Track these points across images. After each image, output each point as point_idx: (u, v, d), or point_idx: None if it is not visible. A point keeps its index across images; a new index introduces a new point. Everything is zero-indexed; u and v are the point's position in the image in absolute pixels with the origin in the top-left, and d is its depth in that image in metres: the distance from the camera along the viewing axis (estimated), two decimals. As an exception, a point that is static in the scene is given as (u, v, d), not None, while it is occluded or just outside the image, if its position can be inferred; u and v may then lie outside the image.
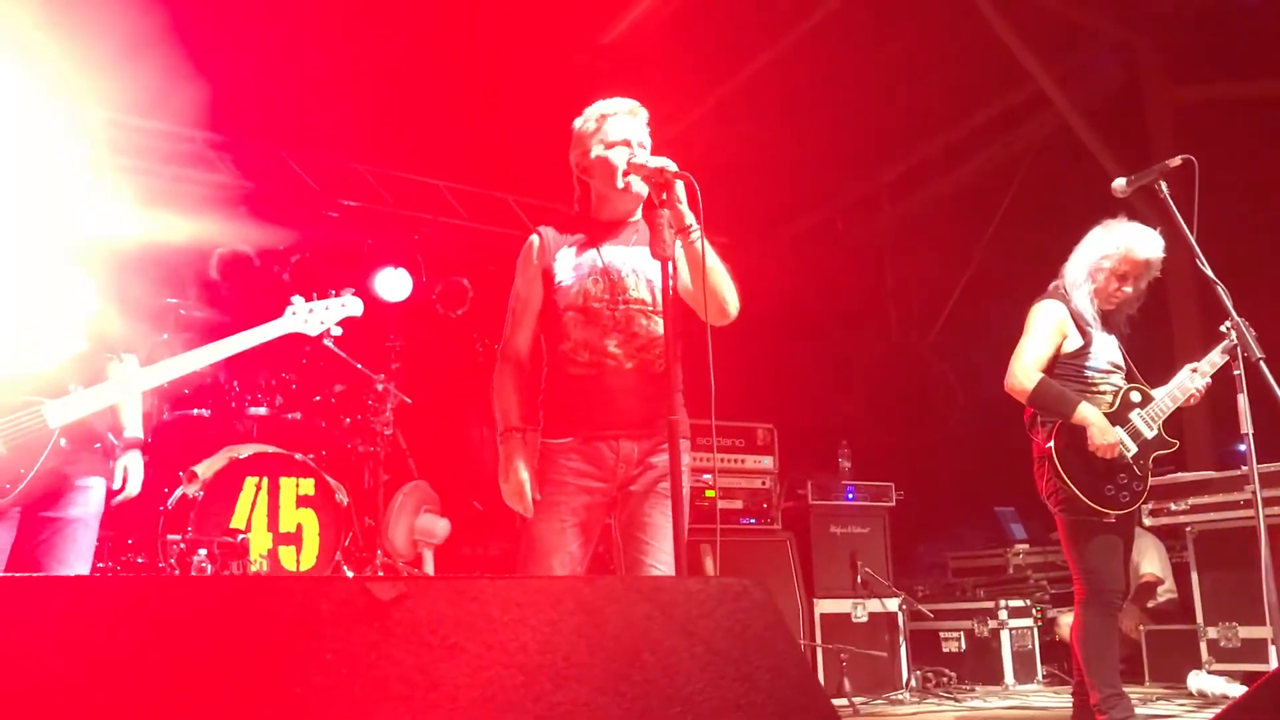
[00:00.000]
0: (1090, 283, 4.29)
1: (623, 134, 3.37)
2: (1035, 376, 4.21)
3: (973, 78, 8.19)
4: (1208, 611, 6.13)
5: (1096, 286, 4.28)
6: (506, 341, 3.44)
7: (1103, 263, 4.26)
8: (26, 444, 3.13)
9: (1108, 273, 4.26)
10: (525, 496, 3.22)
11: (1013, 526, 8.19)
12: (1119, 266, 4.25)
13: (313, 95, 7.36)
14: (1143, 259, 4.23)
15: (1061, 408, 4.17)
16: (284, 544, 5.82)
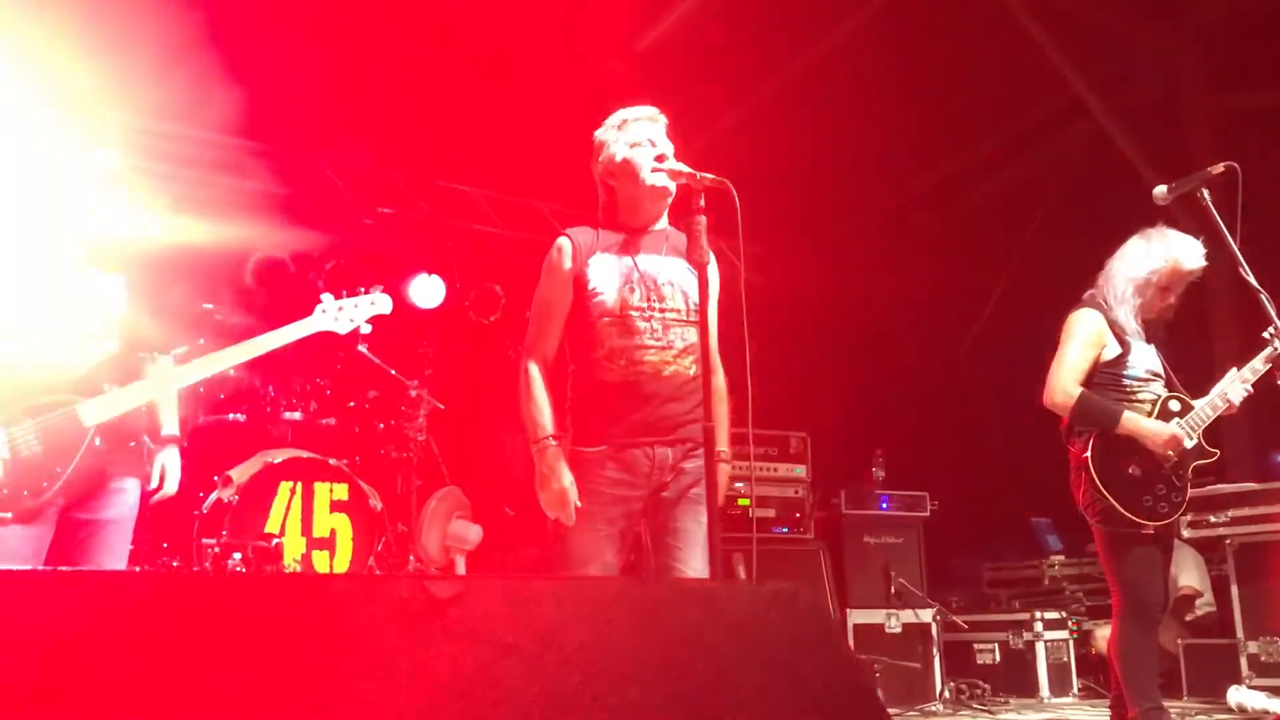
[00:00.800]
0: (1137, 297, 4.23)
1: (645, 135, 3.38)
2: (1076, 391, 4.16)
3: (1010, 85, 8.13)
4: (1248, 625, 6.04)
5: (1143, 301, 4.23)
6: (532, 347, 3.39)
7: (1151, 277, 4.21)
8: (62, 443, 3.15)
9: (1155, 286, 4.22)
10: (569, 505, 3.18)
11: (1049, 538, 8.11)
12: (1164, 279, 4.21)
13: (349, 102, 7.40)
14: (1188, 270, 4.19)
15: (1105, 419, 4.12)
16: (318, 549, 5.84)
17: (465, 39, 6.99)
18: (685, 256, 3.19)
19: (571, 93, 7.21)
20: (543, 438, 3.26)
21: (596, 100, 5.73)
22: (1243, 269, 3.58)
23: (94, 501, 3.30)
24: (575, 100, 7.06)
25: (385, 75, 7.32)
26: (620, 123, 3.45)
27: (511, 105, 7.39)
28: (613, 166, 3.41)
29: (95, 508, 3.30)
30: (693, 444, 3.27)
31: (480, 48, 7.02)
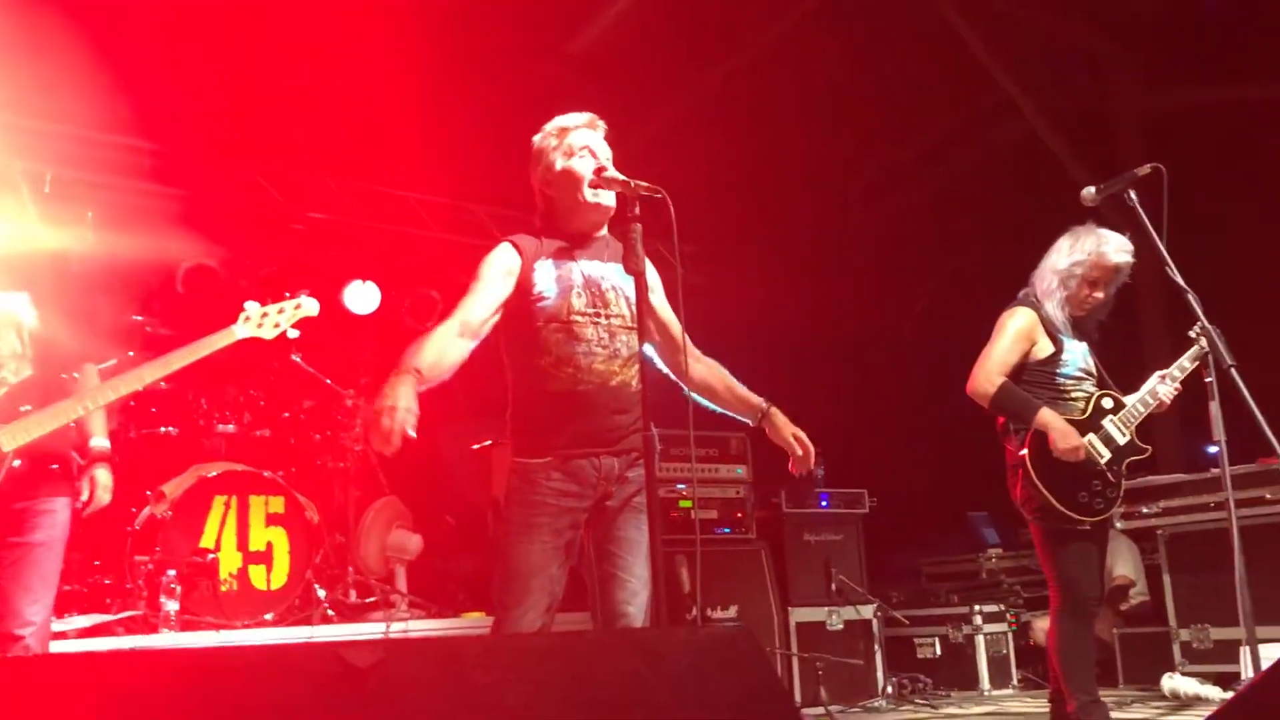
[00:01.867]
0: (1062, 290, 4.30)
1: (583, 143, 3.34)
2: (997, 381, 4.21)
3: (942, 85, 8.22)
4: (1180, 613, 6.17)
5: (1068, 293, 4.30)
6: (452, 316, 3.19)
7: (1074, 269, 4.28)
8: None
9: (1080, 279, 4.28)
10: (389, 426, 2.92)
11: (985, 531, 8.21)
12: (1090, 273, 4.27)
13: (279, 108, 7.29)
14: (1113, 264, 4.26)
15: (1023, 412, 4.18)
16: (254, 563, 5.75)
17: (396, 42, 6.91)
18: (623, 264, 3.17)
19: (504, 96, 7.16)
20: (406, 368, 3.03)
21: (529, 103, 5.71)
22: (1169, 268, 3.64)
23: (23, 524, 3.23)
24: (508, 103, 7.01)
25: (316, 79, 7.21)
26: (559, 130, 3.41)
27: (444, 108, 7.32)
28: (552, 176, 3.38)
29: (23, 530, 3.24)
30: (637, 453, 3.26)
31: (412, 50, 6.95)
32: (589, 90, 7.04)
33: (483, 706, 1.54)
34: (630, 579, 3.22)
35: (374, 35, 6.83)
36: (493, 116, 6.98)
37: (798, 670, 6.39)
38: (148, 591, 5.44)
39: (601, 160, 3.32)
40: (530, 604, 3.14)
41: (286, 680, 1.46)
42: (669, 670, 1.68)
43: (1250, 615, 3.41)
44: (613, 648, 1.69)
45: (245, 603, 5.65)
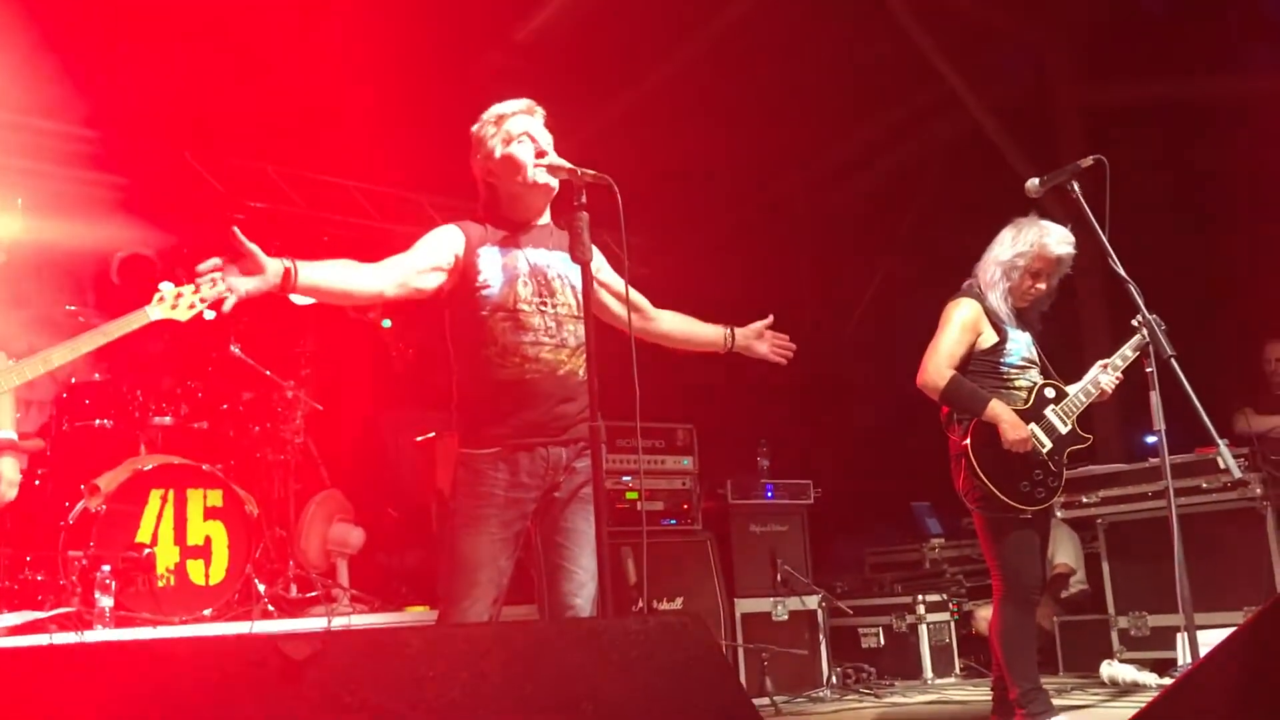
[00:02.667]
0: (1005, 281, 4.34)
1: (523, 129, 3.32)
2: (947, 373, 4.24)
3: (885, 77, 8.26)
4: (1118, 601, 6.26)
5: (1011, 284, 4.34)
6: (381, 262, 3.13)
7: (1017, 260, 4.31)
8: None
9: (1022, 270, 4.32)
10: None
11: (928, 521, 8.28)
12: (1033, 264, 4.31)
13: (217, 94, 7.15)
14: (1055, 255, 4.30)
15: (973, 404, 4.21)
16: (192, 558, 5.64)
17: (338, 28, 6.81)
18: (569, 253, 3.13)
19: (449, 83, 7.08)
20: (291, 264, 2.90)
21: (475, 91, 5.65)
22: (1111, 259, 3.68)
23: None
24: (453, 91, 6.94)
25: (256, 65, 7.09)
26: (497, 118, 3.38)
27: (387, 95, 7.23)
28: (492, 163, 3.34)
29: None
30: (583, 443, 3.24)
31: (356, 37, 6.85)
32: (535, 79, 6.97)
33: (426, 699, 1.50)
34: (578, 570, 3.20)
35: (317, 21, 6.73)
36: (437, 104, 6.90)
37: (743, 661, 6.39)
38: (81, 588, 5.31)
39: (542, 145, 3.29)
40: (477, 596, 3.11)
41: (221, 674, 1.41)
42: (618, 660, 1.65)
43: (1189, 602, 3.45)
44: (560, 638, 1.66)
45: (183, 598, 5.54)
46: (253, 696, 1.40)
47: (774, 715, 5.83)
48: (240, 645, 1.49)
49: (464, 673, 1.53)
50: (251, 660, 1.43)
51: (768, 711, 5.88)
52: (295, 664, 1.44)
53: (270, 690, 1.42)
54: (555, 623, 2.07)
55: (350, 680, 1.46)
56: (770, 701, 6.04)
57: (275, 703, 1.41)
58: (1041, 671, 4.36)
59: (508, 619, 3.30)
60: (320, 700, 1.43)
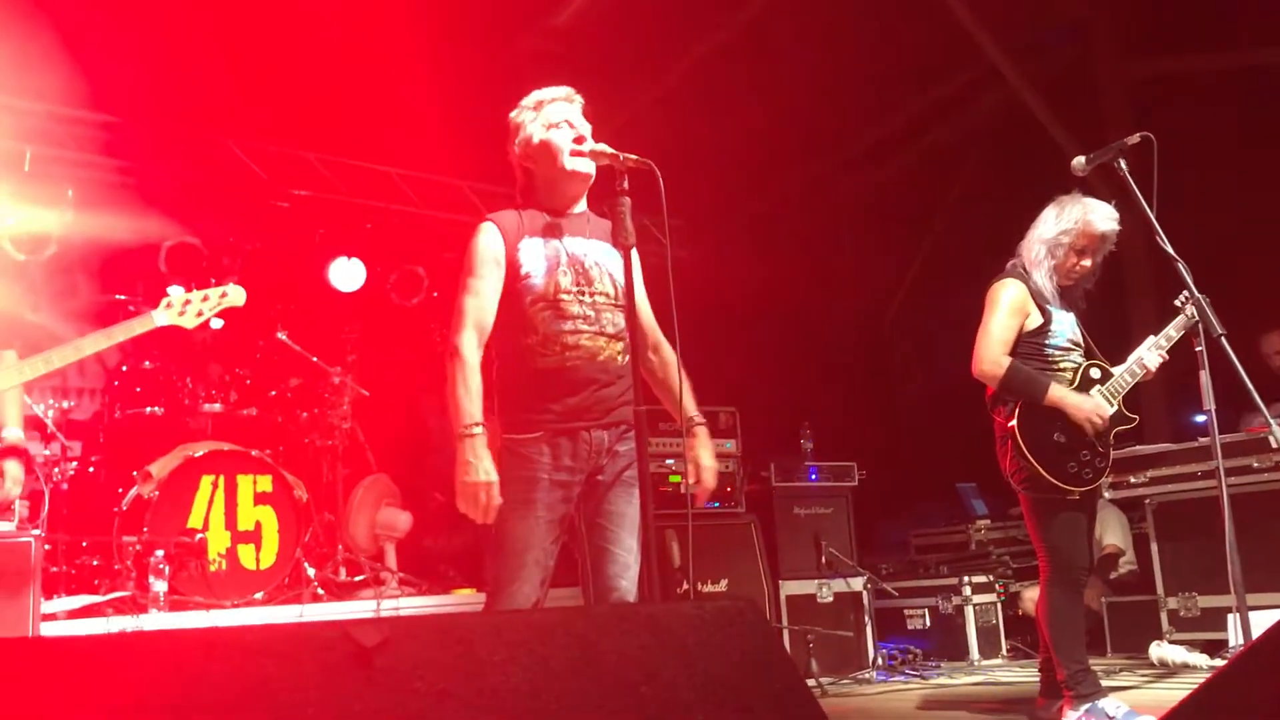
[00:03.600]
0: (1050, 259, 4.28)
1: (562, 116, 3.32)
2: (1004, 361, 4.19)
3: (926, 55, 8.18)
4: (1167, 582, 6.19)
5: (1055, 263, 4.28)
6: (463, 329, 3.22)
7: (1061, 238, 4.26)
8: None
9: (1066, 248, 4.26)
10: (485, 502, 3.06)
11: (974, 502, 8.22)
12: (1077, 241, 4.25)
13: (260, 82, 7.22)
14: (1099, 232, 4.24)
15: (1033, 390, 4.16)
16: (243, 542, 5.73)
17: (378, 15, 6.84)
18: (610, 239, 3.14)
19: (487, 69, 7.10)
20: (469, 424, 3.11)
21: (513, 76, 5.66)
22: (1159, 237, 3.63)
23: None
24: (492, 76, 6.96)
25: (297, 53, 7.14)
26: (536, 104, 3.39)
27: (427, 82, 7.26)
28: (530, 149, 3.36)
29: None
30: (626, 426, 3.25)
31: (393, 23, 6.88)
32: (572, 63, 6.99)
33: (490, 684, 1.53)
34: (622, 553, 3.22)
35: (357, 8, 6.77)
36: (477, 90, 6.92)
37: (789, 643, 6.40)
38: (136, 572, 5.42)
39: (580, 132, 3.29)
40: (524, 579, 3.13)
41: (293, 659, 1.44)
42: (675, 644, 1.67)
43: (1241, 583, 3.42)
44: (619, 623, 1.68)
45: (234, 582, 5.64)
46: (323, 681, 1.43)
47: (820, 697, 5.83)
48: (311, 631, 1.52)
49: (526, 658, 1.56)
50: (322, 646, 1.46)
51: (814, 693, 5.88)
52: (365, 650, 1.47)
53: (341, 675, 1.45)
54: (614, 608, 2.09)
55: (418, 665, 1.49)
56: (816, 683, 6.05)
57: (345, 687, 1.44)
58: (1090, 653, 4.33)
59: (552, 602, 3.33)
60: (389, 685, 1.46)
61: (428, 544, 7.28)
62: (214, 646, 1.46)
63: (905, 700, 5.59)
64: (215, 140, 7.41)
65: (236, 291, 3.64)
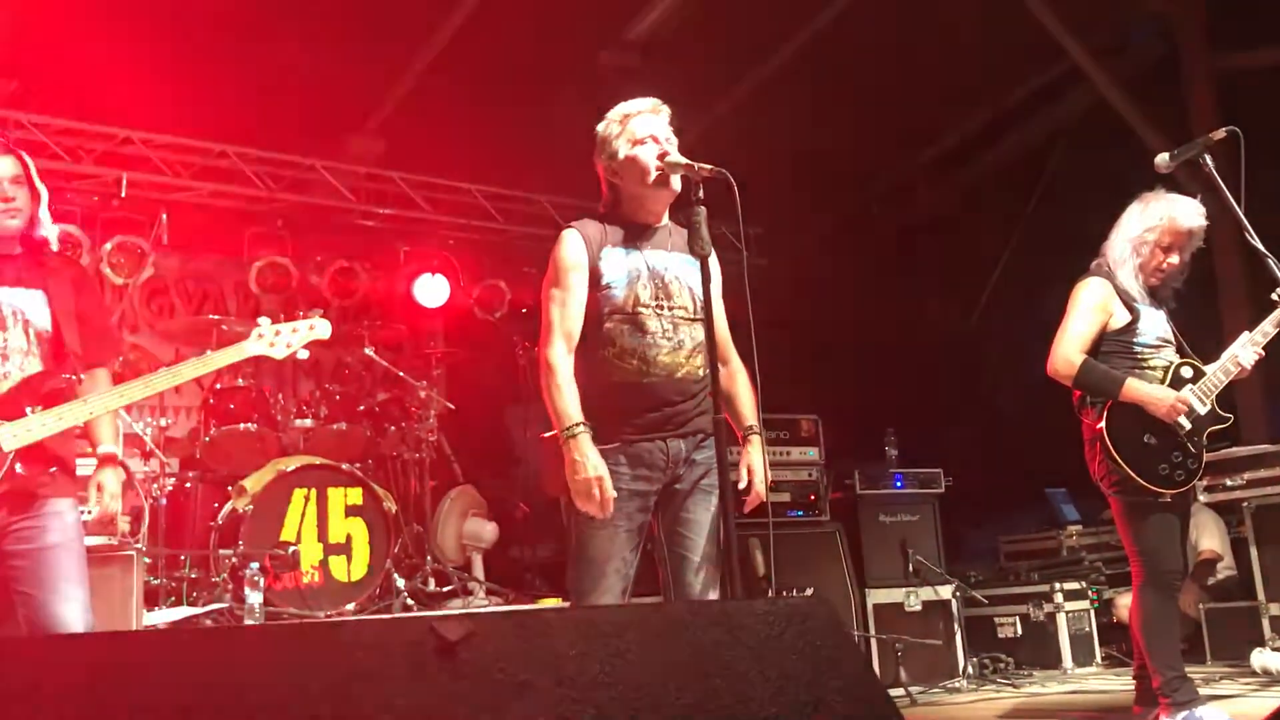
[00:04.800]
0: (1135, 257, 4.21)
1: (648, 130, 3.33)
2: (1078, 359, 4.13)
3: (1007, 55, 8.09)
4: (1269, 587, 6.02)
5: (1141, 260, 4.21)
6: (555, 335, 3.25)
7: (1146, 235, 4.18)
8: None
9: (1152, 245, 4.19)
10: (598, 495, 3.10)
11: (1064, 508, 8.07)
12: (1163, 238, 4.17)
13: (343, 104, 7.40)
14: (1186, 228, 4.15)
15: (1108, 386, 4.09)
16: (334, 554, 5.86)
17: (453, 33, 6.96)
18: (688, 250, 3.16)
19: (563, 83, 7.18)
20: (572, 424, 3.15)
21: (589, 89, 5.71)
22: (1248, 233, 3.55)
23: (28, 529, 3.19)
24: (568, 91, 7.04)
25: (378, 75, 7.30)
26: (622, 117, 3.40)
27: (504, 98, 7.37)
28: (616, 164, 3.37)
29: (30, 536, 3.19)
30: (704, 435, 3.26)
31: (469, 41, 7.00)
32: (649, 75, 7.04)
33: (569, 675, 1.57)
34: (701, 560, 3.23)
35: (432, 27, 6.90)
36: (552, 104, 7.01)
37: (876, 651, 6.35)
38: (232, 584, 5.57)
39: (665, 145, 3.31)
40: (605, 589, 3.16)
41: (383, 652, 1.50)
42: (748, 640, 1.70)
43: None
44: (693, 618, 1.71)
45: (327, 593, 5.77)
46: (410, 672, 1.49)
47: (909, 706, 5.77)
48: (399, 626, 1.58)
49: (602, 650, 1.61)
50: (410, 639, 1.52)
51: (902, 702, 5.82)
52: (450, 643, 1.52)
53: (427, 666, 1.50)
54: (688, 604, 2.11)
55: (499, 657, 1.54)
56: (905, 692, 5.99)
57: (431, 677, 1.49)
58: (1189, 660, 4.24)
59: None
60: (472, 675, 1.51)
61: (514, 554, 7.36)
62: (308, 640, 1.53)
63: (996, 709, 5.51)
64: (302, 163, 7.59)
65: (323, 325, 3.74)
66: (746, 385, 3.42)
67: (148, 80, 6.50)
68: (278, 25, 6.48)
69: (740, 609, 1.80)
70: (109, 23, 6.17)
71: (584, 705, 1.55)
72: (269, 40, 6.55)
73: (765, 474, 3.31)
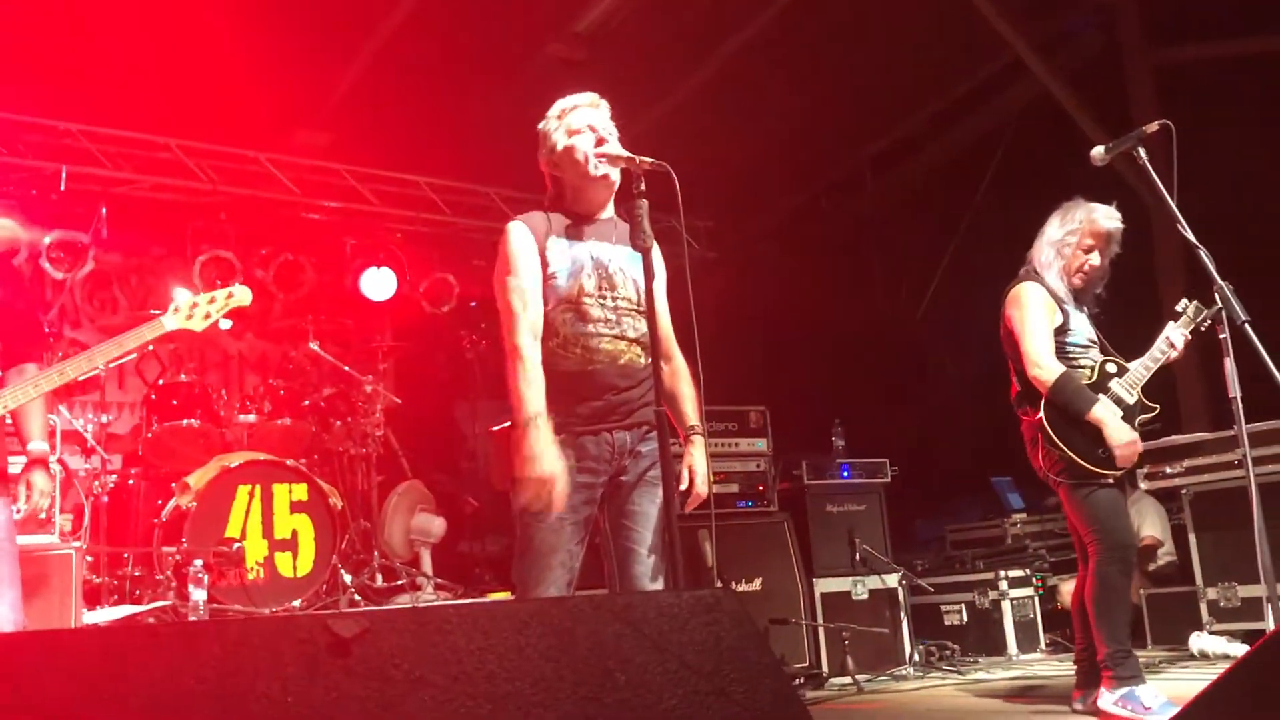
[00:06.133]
0: (1059, 259, 4.41)
1: (585, 121, 3.35)
2: (1058, 367, 4.24)
3: (951, 48, 8.16)
4: (1206, 572, 6.14)
5: (1065, 262, 4.40)
6: (516, 335, 3.21)
7: (1069, 239, 4.38)
8: None
9: (1074, 247, 4.38)
10: (550, 493, 3.06)
11: (1009, 496, 8.18)
12: (1084, 240, 4.37)
13: (288, 97, 7.31)
14: (1104, 229, 4.35)
15: (1080, 403, 4.20)
16: (280, 550, 5.82)
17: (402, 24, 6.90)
18: (630, 242, 3.17)
19: (512, 76, 7.15)
20: (533, 415, 3.11)
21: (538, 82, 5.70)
22: (1180, 226, 3.62)
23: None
24: (517, 83, 7.01)
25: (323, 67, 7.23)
26: (561, 111, 3.42)
27: (452, 91, 7.32)
28: (555, 156, 3.38)
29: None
30: (648, 427, 3.28)
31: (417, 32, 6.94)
32: (597, 68, 7.03)
33: (465, 669, 1.57)
34: (643, 551, 3.24)
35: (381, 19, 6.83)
36: (501, 97, 6.98)
37: (824, 640, 6.40)
38: (176, 582, 5.51)
39: (603, 136, 3.32)
40: (550, 581, 3.16)
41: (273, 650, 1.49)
42: (649, 632, 1.70)
43: (1270, 571, 3.39)
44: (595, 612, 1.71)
45: (273, 590, 5.72)
46: (302, 671, 1.48)
47: (857, 694, 5.82)
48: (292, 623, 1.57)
49: (501, 645, 1.60)
50: (302, 637, 1.51)
51: (850, 690, 5.88)
52: (343, 640, 1.51)
53: (319, 664, 1.49)
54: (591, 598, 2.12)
55: (395, 654, 1.54)
56: (853, 680, 6.04)
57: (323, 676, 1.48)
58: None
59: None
60: (366, 673, 1.50)
61: (463, 549, 7.34)
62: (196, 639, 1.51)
63: (942, 696, 5.57)
64: (246, 155, 7.50)
65: (242, 291, 3.69)
66: (689, 384, 3.43)
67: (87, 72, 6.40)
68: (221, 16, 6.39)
69: (644, 601, 1.81)
70: (46, 13, 6.07)
71: (480, 701, 1.55)
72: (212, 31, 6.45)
73: (708, 474, 3.32)
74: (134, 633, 1.51)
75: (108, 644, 1.50)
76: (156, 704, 1.41)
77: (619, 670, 1.64)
